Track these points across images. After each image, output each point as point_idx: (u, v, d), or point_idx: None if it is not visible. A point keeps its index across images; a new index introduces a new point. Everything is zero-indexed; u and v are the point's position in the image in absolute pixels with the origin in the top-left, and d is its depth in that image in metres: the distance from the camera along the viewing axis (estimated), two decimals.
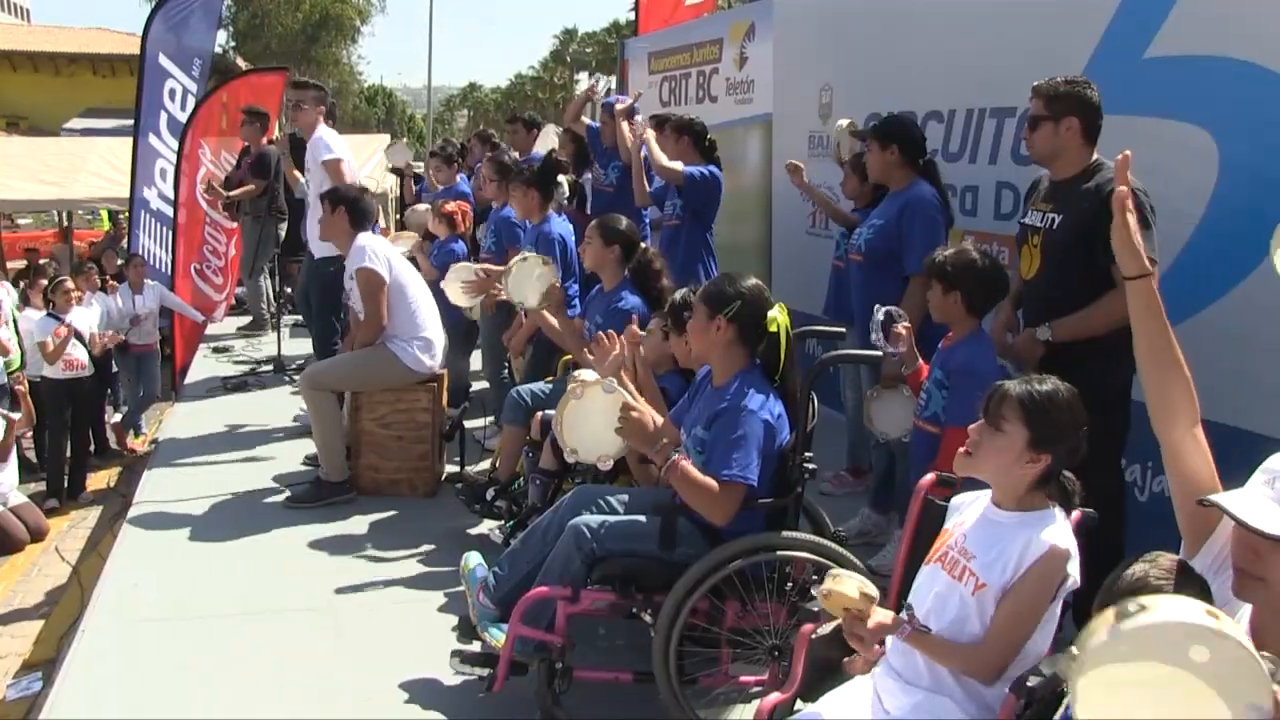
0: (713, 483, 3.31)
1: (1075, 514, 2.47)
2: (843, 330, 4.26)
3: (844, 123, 6.00)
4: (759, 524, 3.49)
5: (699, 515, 3.44)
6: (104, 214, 17.77)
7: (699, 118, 6.58)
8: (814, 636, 2.76)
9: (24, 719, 5.34)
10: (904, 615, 2.46)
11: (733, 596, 3.35)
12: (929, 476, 2.95)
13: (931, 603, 2.44)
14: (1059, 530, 2.36)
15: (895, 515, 4.93)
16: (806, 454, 3.43)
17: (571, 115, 7.75)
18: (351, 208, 5.82)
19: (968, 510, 2.55)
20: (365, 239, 5.76)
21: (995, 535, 2.41)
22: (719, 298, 3.47)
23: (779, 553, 3.36)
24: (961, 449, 2.47)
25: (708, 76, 8.72)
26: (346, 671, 3.98)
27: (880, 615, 2.46)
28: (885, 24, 6.33)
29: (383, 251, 5.74)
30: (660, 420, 3.66)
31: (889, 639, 2.51)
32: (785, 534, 3.42)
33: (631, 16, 12.68)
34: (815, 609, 2.73)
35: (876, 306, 3.92)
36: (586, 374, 4.35)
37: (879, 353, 3.67)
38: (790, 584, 3.39)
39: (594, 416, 3.63)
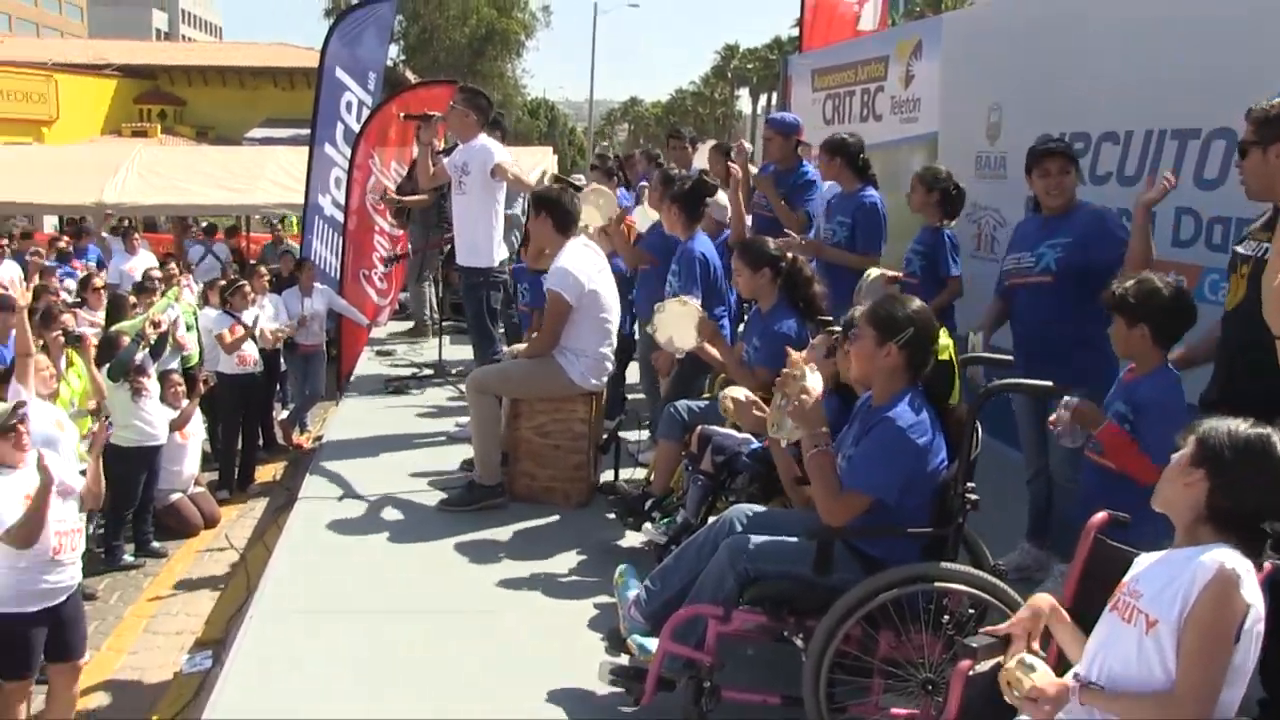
0: (837, 484, 3.38)
1: (1266, 566, 2.33)
2: (1010, 358, 4.14)
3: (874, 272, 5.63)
4: (915, 553, 3.43)
5: (856, 541, 3.41)
6: (292, 219, 18.53)
7: (854, 135, 6.45)
8: (972, 674, 2.69)
9: (196, 692, 5.70)
10: (1071, 681, 2.39)
11: (887, 626, 3.30)
12: (1100, 515, 2.84)
13: (1107, 652, 2.36)
14: (1228, 553, 2.24)
15: (1053, 550, 4.77)
16: (969, 484, 3.35)
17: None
18: (553, 211, 5.78)
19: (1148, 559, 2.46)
20: (569, 258, 5.69)
21: (1163, 569, 2.34)
22: (890, 323, 3.42)
23: (936, 584, 3.29)
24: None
25: (872, 94, 8.60)
26: (495, 675, 4.05)
27: (1049, 681, 2.41)
28: (1059, 42, 6.14)
29: (585, 269, 5.66)
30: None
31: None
32: (943, 565, 3.35)
33: (794, 33, 12.62)
34: (974, 645, 2.65)
35: (1066, 400, 3.69)
36: (735, 391, 4.36)
37: (1049, 382, 3.54)
38: (947, 616, 3.31)
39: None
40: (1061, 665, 2.60)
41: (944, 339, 3.47)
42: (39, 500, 4.80)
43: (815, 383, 3.62)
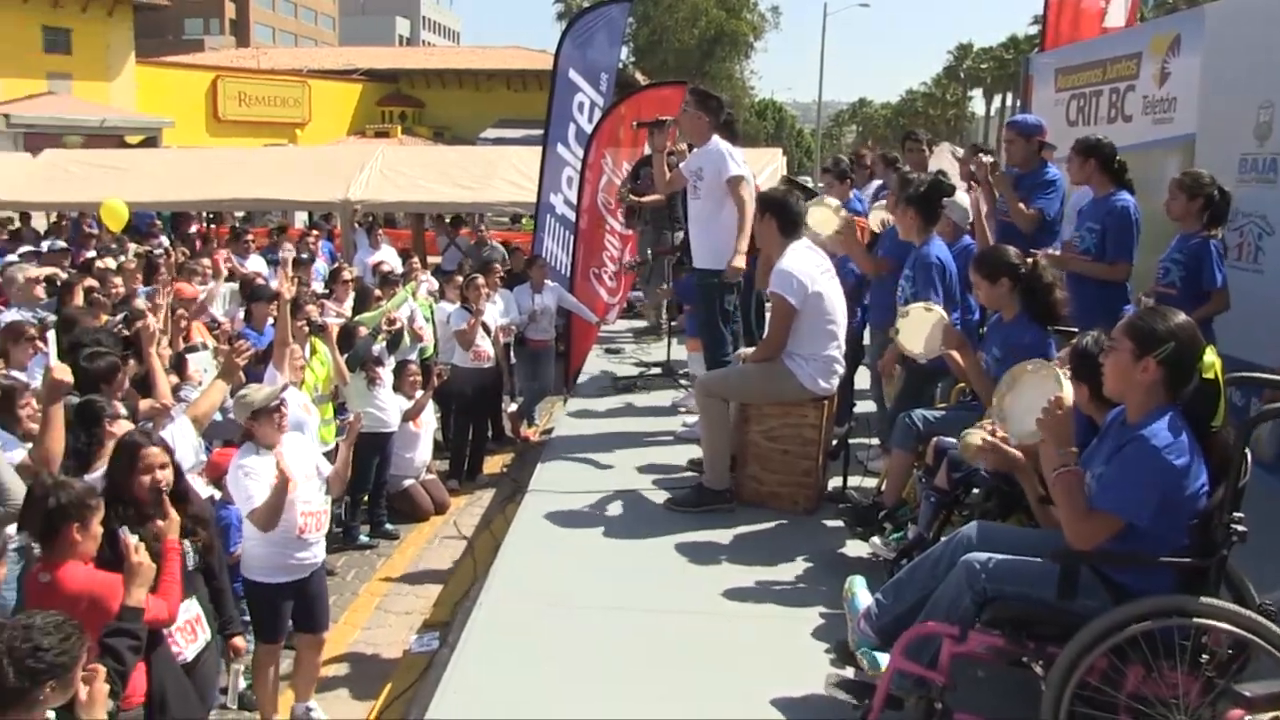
0: (1086, 504, 3.22)
1: None
2: None
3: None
4: (1169, 584, 3.22)
5: (1104, 566, 3.24)
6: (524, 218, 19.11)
7: (1107, 137, 6.12)
8: None
9: (423, 671, 6.00)
10: None
11: (1136, 660, 3.11)
12: None
13: None
14: None
15: None
16: (1235, 514, 3.12)
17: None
18: (778, 213, 5.72)
19: None
20: (791, 260, 5.60)
21: None
22: (1150, 337, 3.22)
23: (1194, 619, 3.08)
24: None
25: (1122, 94, 8.15)
26: (717, 678, 4.05)
27: None
28: None
29: (807, 271, 5.58)
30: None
31: None
32: (1204, 600, 3.13)
33: (1032, 31, 12.16)
34: (1248, 694, 2.46)
35: None
36: (974, 435, 4.17)
37: None
38: (1206, 656, 3.10)
39: (1032, 398, 3.68)
40: None
41: (1209, 356, 3.24)
42: (277, 494, 5.12)
43: (1069, 392, 3.46)
